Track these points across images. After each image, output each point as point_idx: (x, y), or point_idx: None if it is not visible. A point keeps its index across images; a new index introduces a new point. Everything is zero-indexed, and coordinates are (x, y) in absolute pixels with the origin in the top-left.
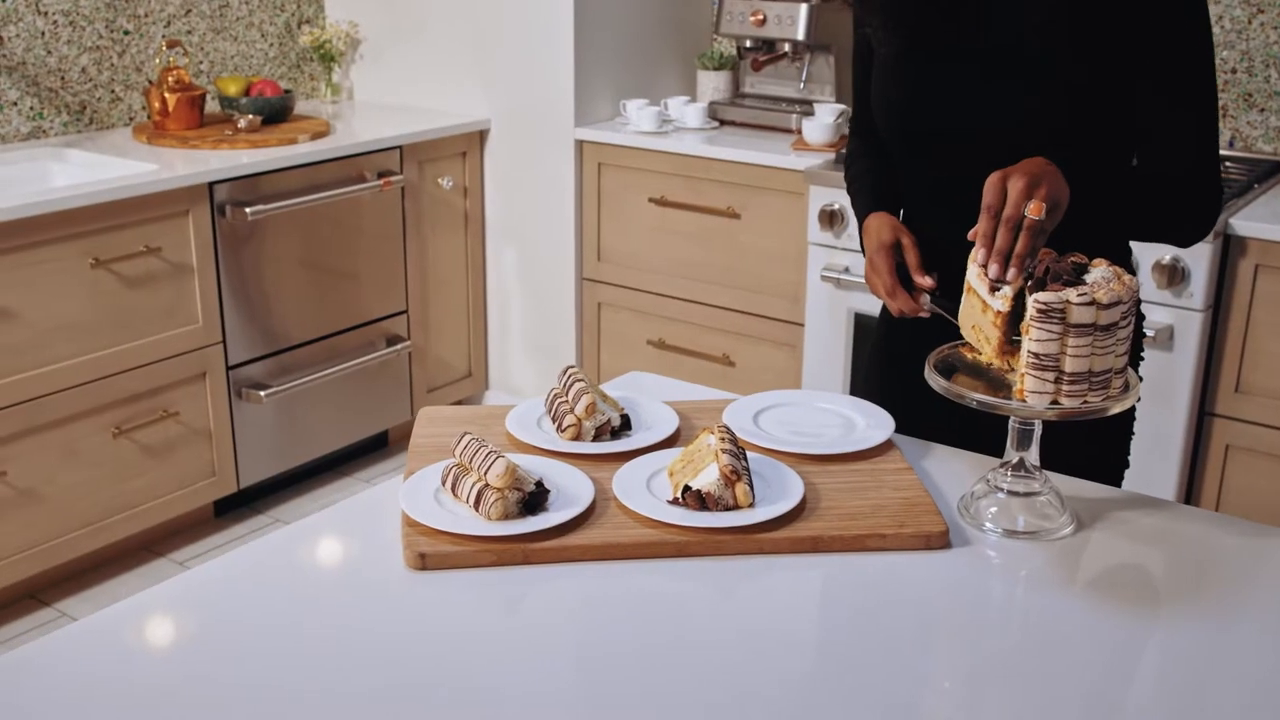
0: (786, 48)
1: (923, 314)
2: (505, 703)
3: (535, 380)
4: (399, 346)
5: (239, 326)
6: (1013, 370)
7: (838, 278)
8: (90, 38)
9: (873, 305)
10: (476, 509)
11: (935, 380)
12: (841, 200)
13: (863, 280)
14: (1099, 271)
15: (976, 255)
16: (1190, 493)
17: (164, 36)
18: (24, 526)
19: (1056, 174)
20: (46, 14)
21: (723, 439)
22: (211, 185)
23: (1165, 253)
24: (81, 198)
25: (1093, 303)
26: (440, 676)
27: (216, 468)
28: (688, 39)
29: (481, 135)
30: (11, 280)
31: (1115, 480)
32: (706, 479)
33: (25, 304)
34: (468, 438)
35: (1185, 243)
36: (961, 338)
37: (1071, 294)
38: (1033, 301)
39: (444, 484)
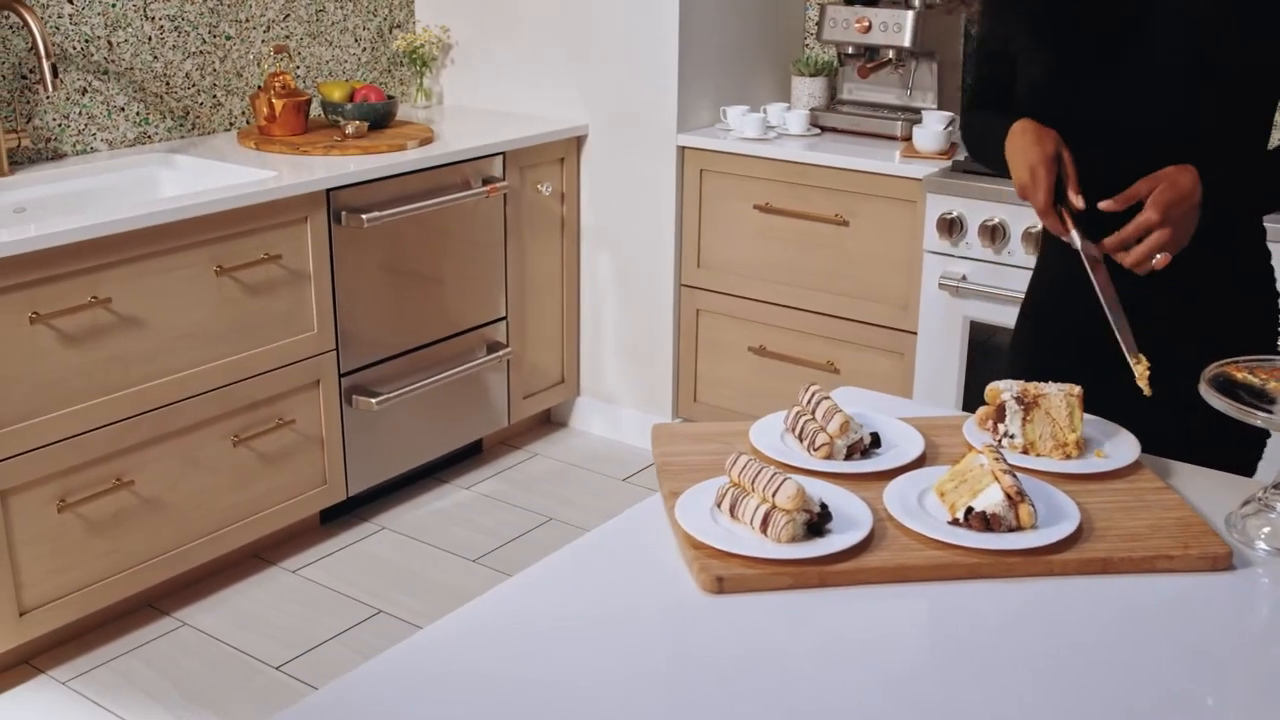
0: (891, 54)
1: (1065, 238)
2: None
3: (628, 387)
4: (500, 353)
5: (349, 334)
6: None
7: (956, 285)
8: (194, 43)
9: (988, 313)
10: (763, 531)
11: (1214, 398)
12: (960, 208)
13: (981, 287)
14: None
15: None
16: None
17: (264, 41)
18: (149, 535)
19: (1191, 215)
20: (154, 19)
21: (996, 459)
22: (329, 192)
23: None
24: (209, 205)
25: None
26: (758, 698)
27: (327, 475)
28: (780, 45)
29: (579, 141)
30: (142, 288)
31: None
32: (990, 500)
33: (155, 311)
34: (744, 458)
35: None
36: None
37: None
38: None
39: (719, 505)
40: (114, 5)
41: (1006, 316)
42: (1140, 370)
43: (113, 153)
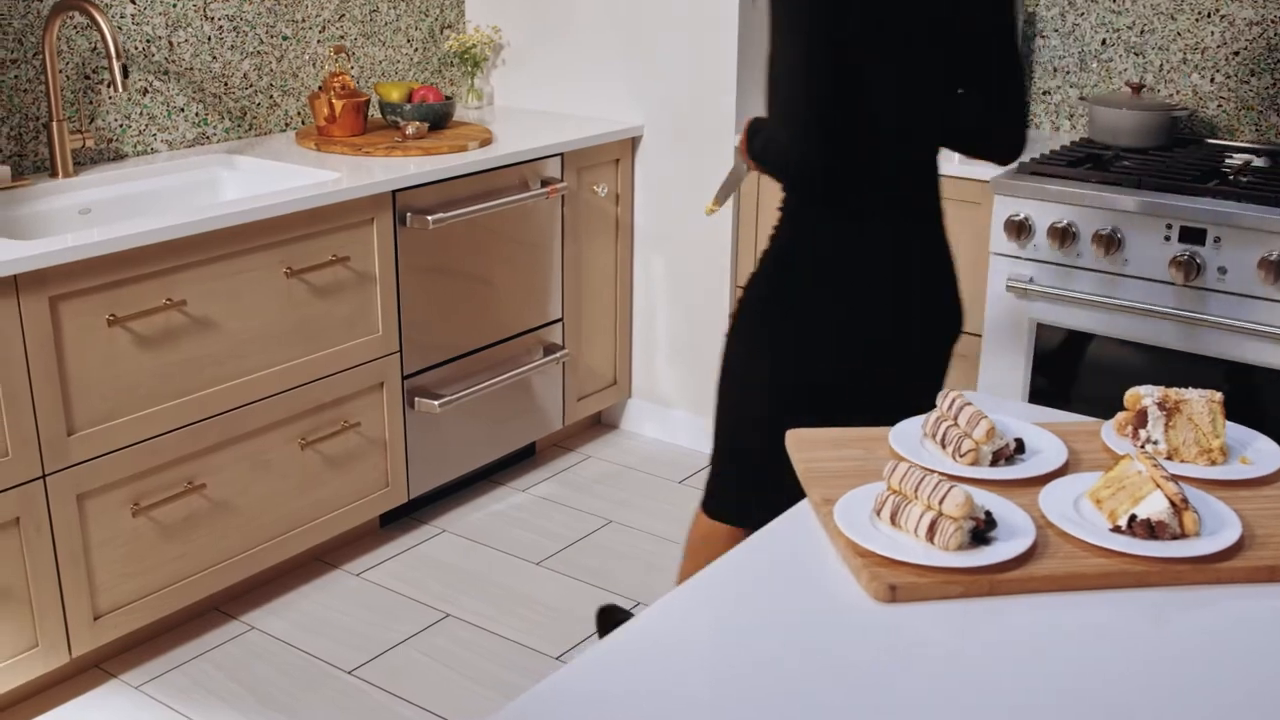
0: None
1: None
2: None
3: (681, 389)
4: (556, 355)
5: (412, 336)
6: None
7: (1024, 288)
8: (252, 43)
9: (1056, 316)
10: (930, 539)
11: None
12: (1028, 210)
13: (1049, 290)
14: None
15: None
16: None
17: (320, 42)
18: (218, 539)
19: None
20: (213, 19)
21: (1154, 466)
22: (394, 193)
23: None
24: (281, 206)
25: None
26: (943, 706)
27: (390, 478)
28: None
29: (634, 142)
30: (216, 290)
31: None
32: (1154, 507)
33: (227, 314)
34: (904, 465)
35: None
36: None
37: None
38: None
39: (878, 512)
40: (175, 5)
41: (1075, 319)
42: (710, 208)
43: (172, 153)
